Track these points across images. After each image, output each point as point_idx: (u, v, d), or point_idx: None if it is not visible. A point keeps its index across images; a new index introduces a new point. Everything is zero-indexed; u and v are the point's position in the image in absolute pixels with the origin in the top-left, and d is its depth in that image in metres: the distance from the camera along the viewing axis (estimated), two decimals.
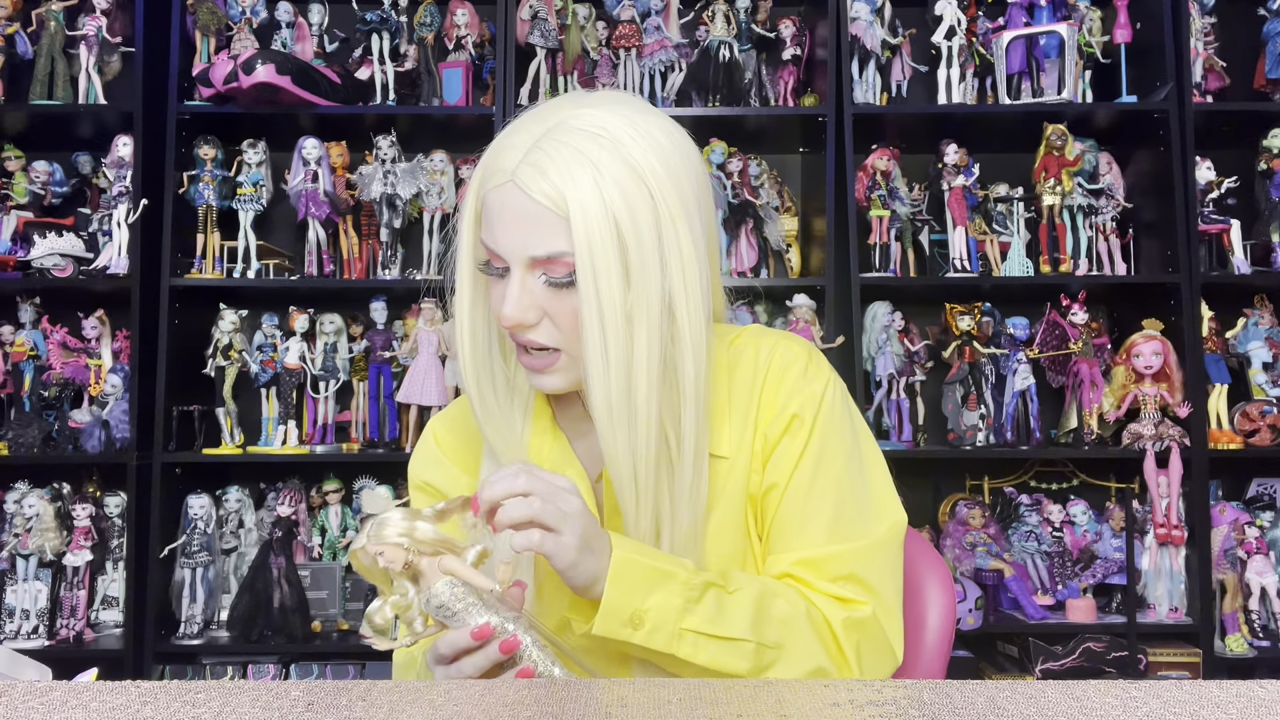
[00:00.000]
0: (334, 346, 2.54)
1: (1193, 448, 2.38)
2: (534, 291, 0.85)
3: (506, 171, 0.84)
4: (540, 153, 0.83)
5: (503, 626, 0.79)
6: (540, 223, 0.82)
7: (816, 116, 2.49)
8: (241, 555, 2.46)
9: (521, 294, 0.84)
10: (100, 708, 0.63)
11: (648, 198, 0.83)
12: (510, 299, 0.84)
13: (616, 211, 0.82)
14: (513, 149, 0.84)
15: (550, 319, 0.86)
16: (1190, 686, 0.67)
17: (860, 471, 0.95)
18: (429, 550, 0.79)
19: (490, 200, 0.85)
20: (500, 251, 0.85)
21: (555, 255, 0.83)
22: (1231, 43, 2.66)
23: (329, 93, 2.47)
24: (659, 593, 0.83)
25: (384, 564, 0.77)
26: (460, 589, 0.78)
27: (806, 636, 0.87)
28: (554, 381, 0.89)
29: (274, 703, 0.64)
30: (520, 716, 0.62)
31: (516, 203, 0.83)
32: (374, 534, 0.78)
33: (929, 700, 0.65)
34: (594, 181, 0.81)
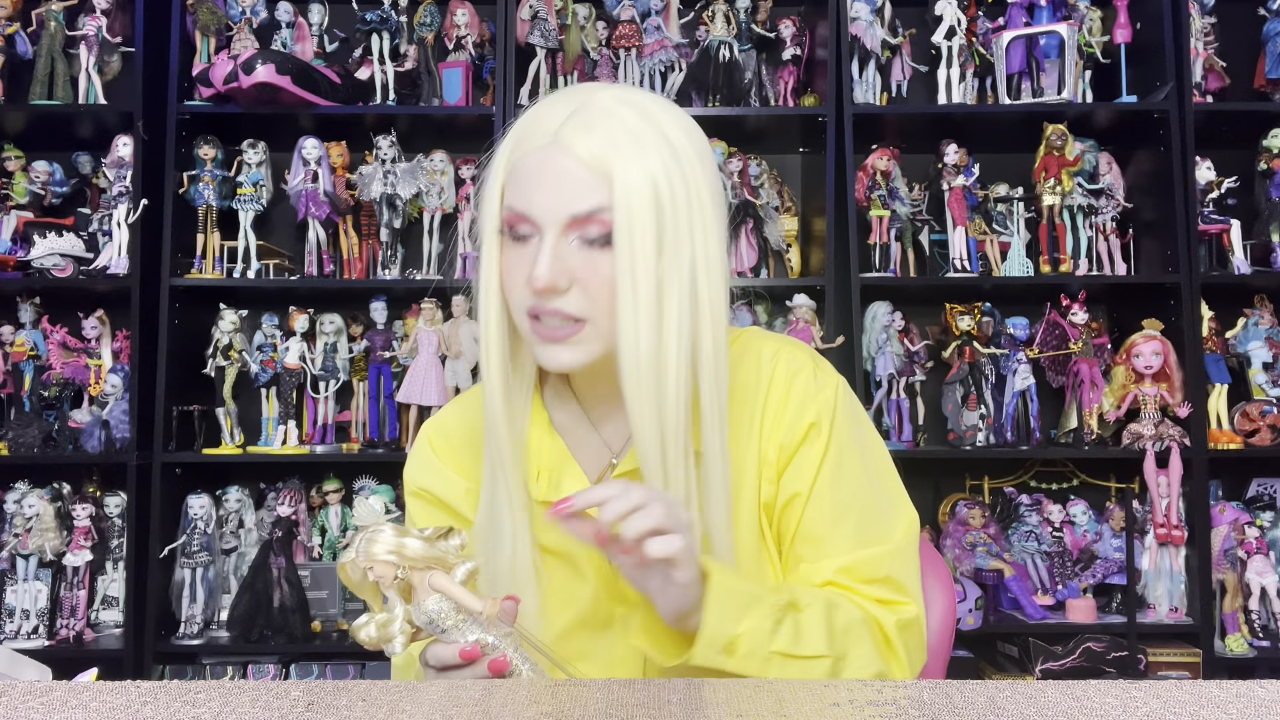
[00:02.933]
0: (334, 346, 2.54)
1: (1193, 448, 2.38)
2: (565, 257, 0.84)
3: (548, 133, 0.85)
4: (584, 117, 0.85)
5: (492, 645, 0.78)
6: (582, 181, 0.83)
7: (816, 116, 2.49)
8: (241, 555, 2.46)
9: (554, 258, 0.83)
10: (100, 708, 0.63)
11: (681, 173, 0.85)
12: (543, 262, 0.82)
13: (656, 178, 0.83)
14: (552, 116, 0.86)
15: (580, 286, 0.84)
16: (1190, 686, 0.67)
17: (876, 472, 0.96)
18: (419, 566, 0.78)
19: (527, 162, 0.85)
20: (534, 213, 0.84)
21: (595, 211, 0.83)
22: (1231, 43, 2.66)
23: (329, 93, 2.47)
24: (751, 616, 0.81)
25: (373, 578, 0.77)
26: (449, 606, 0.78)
27: (867, 643, 0.88)
28: (570, 356, 0.85)
29: (274, 703, 0.64)
30: (521, 717, 0.62)
31: (559, 162, 0.84)
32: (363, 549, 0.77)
33: (929, 700, 0.65)
34: (637, 146, 0.84)
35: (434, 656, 0.78)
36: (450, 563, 0.79)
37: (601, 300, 0.84)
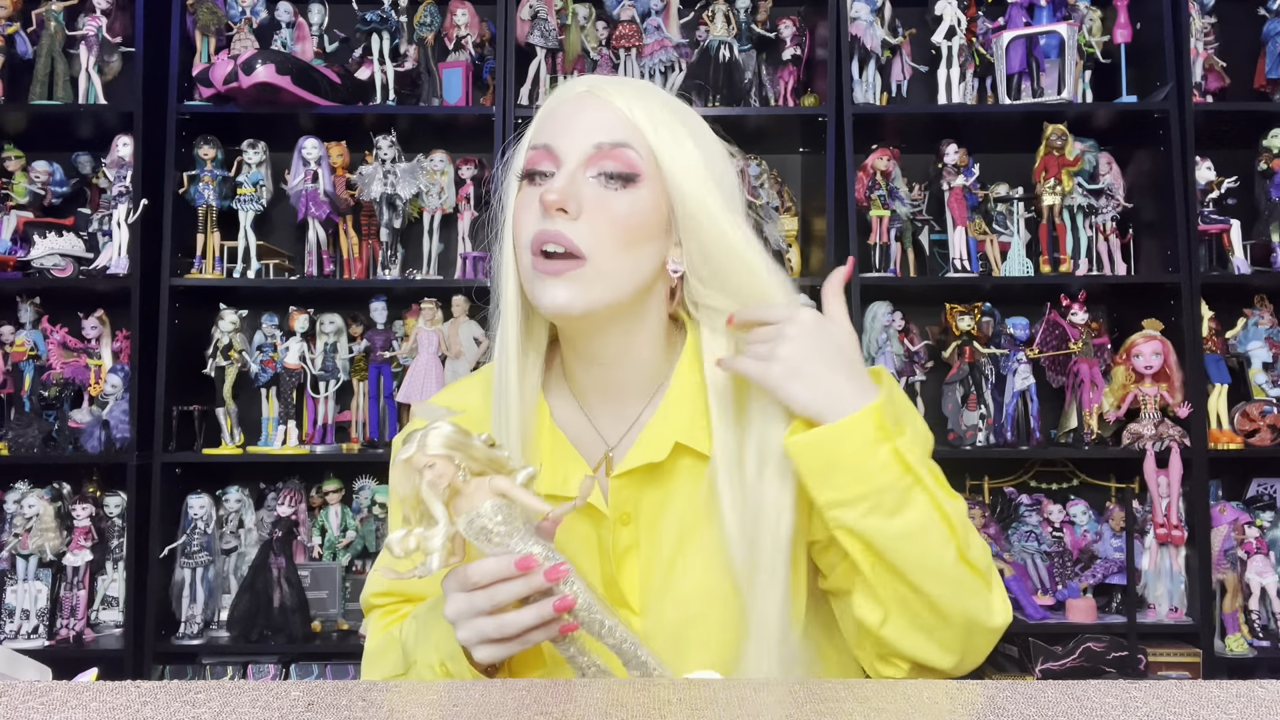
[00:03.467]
0: (334, 346, 2.54)
1: (1193, 448, 2.38)
2: (580, 186, 0.86)
3: (583, 86, 0.90)
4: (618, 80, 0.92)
5: (548, 555, 0.75)
6: (612, 119, 0.88)
7: (816, 116, 2.50)
8: (241, 555, 2.46)
9: (569, 181, 0.86)
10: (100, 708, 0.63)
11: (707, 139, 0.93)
12: (558, 180, 0.85)
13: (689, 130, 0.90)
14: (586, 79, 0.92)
15: (588, 219, 0.85)
16: (1190, 686, 0.67)
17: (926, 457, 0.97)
18: (478, 468, 0.75)
19: (557, 110, 0.90)
20: (558, 146, 0.87)
21: (621, 144, 0.87)
22: (1231, 43, 2.66)
23: (329, 93, 2.47)
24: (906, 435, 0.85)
25: (430, 479, 0.72)
26: (507, 513, 0.74)
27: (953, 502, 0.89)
28: (567, 294, 0.85)
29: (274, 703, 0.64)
30: (521, 717, 0.62)
31: (590, 105, 0.89)
32: (424, 443, 0.73)
33: (929, 700, 0.65)
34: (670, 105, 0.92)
35: (480, 571, 0.75)
36: (510, 468, 0.76)
37: (608, 240, 0.85)
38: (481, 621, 0.77)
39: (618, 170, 0.86)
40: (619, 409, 0.95)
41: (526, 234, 0.87)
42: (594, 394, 0.96)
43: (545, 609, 0.76)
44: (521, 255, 0.88)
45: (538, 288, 0.86)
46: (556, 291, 0.85)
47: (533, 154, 0.88)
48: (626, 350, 0.93)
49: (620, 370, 0.94)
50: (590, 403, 0.96)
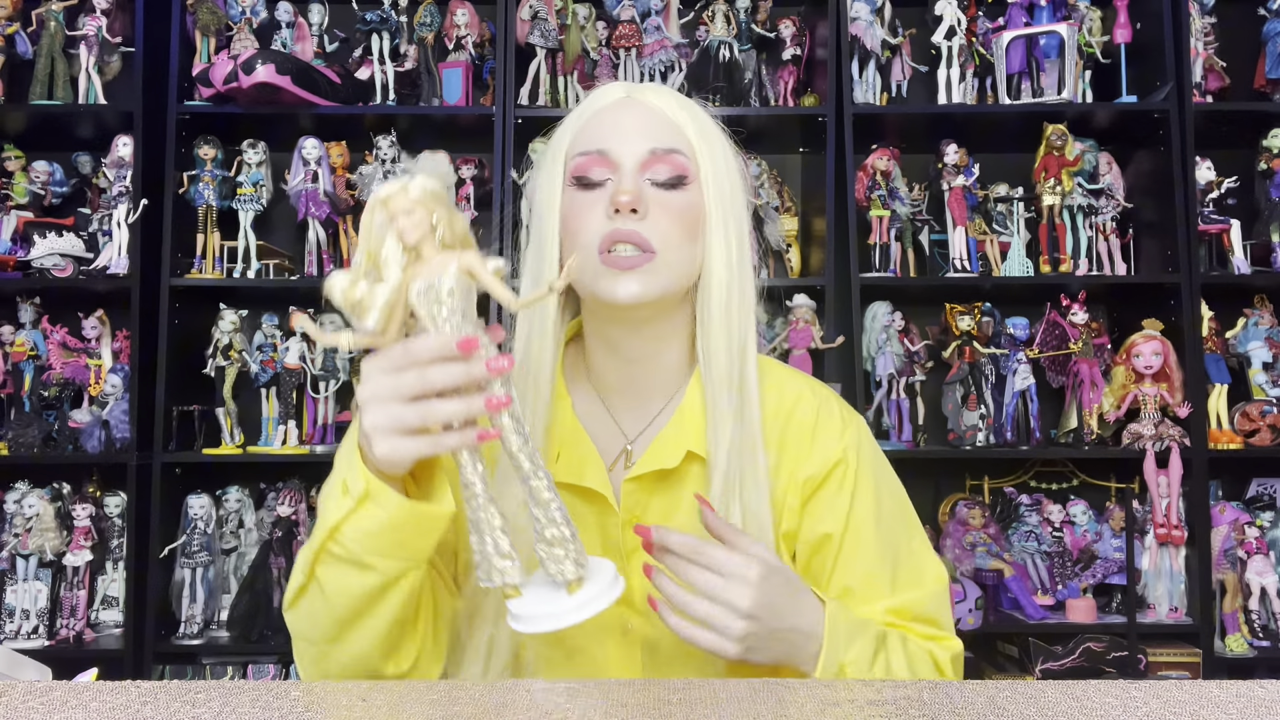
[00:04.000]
0: None
1: (1193, 448, 2.38)
2: (642, 188, 0.90)
3: (620, 92, 0.95)
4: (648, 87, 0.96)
5: (489, 347, 0.71)
6: (659, 123, 0.93)
7: (816, 116, 2.49)
8: (241, 555, 2.46)
9: (635, 181, 0.90)
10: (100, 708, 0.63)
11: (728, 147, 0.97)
12: (627, 181, 0.89)
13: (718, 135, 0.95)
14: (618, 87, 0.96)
15: (654, 217, 0.90)
16: (1190, 686, 0.67)
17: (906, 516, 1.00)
18: (448, 241, 0.70)
19: (600, 115, 0.94)
20: (611, 151, 0.91)
21: (673, 149, 0.92)
22: (1231, 43, 2.66)
23: (329, 93, 2.47)
24: (858, 643, 0.85)
25: (403, 225, 0.68)
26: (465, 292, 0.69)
27: (932, 674, 0.93)
28: (639, 286, 0.89)
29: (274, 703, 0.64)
30: (521, 716, 0.62)
31: (635, 110, 0.93)
32: (408, 187, 0.68)
33: (929, 700, 0.65)
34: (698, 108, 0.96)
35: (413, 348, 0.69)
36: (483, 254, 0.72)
37: (672, 235, 0.90)
38: (400, 407, 0.70)
39: (671, 175, 0.91)
40: (640, 406, 0.98)
41: (592, 234, 0.90)
42: (617, 389, 0.98)
43: (475, 404, 0.70)
44: (585, 254, 0.90)
45: (607, 282, 0.89)
46: (629, 285, 0.88)
47: (583, 160, 0.91)
48: (658, 349, 0.96)
49: (647, 368, 0.97)
50: (611, 398, 0.98)
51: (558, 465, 0.94)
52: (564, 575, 0.73)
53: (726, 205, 0.93)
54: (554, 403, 0.95)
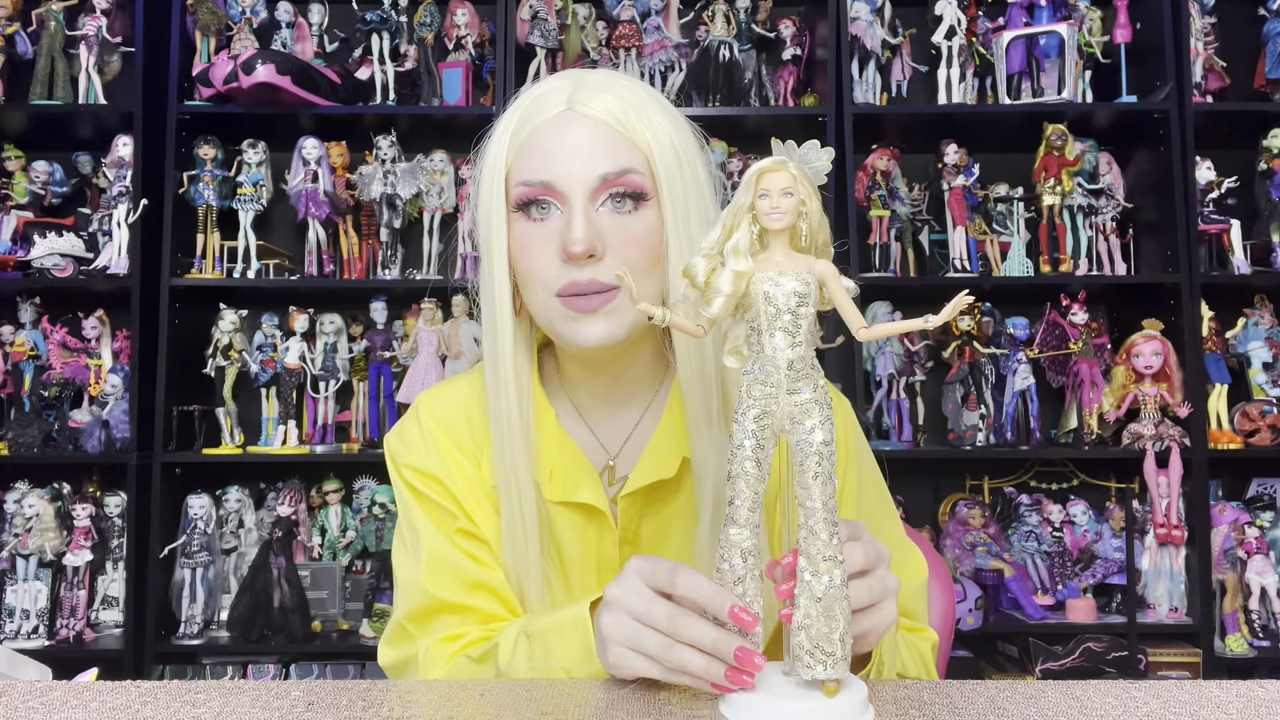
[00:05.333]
0: (334, 346, 2.54)
1: (1193, 448, 2.38)
2: (596, 222, 0.82)
3: (559, 104, 0.84)
4: (589, 87, 0.85)
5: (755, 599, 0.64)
6: (606, 141, 0.83)
7: (816, 116, 2.49)
8: (241, 555, 2.46)
9: (588, 220, 0.81)
10: (100, 708, 0.63)
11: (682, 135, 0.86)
12: (578, 225, 0.80)
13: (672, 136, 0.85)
14: (555, 91, 0.85)
15: (613, 252, 0.82)
16: (1190, 686, 0.67)
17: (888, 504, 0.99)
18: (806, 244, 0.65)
19: (541, 134, 0.84)
20: (557, 183, 0.82)
21: (625, 170, 0.82)
22: (1231, 43, 2.66)
23: (329, 93, 2.47)
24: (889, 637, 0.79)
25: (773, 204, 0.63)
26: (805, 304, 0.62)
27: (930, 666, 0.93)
28: (606, 328, 0.82)
29: (274, 703, 0.64)
30: (522, 717, 0.62)
31: (578, 127, 0.83)
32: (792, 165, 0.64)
33: (929, 700, 0.65)
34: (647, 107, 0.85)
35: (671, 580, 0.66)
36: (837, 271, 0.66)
37: (638, 265, 0.82)
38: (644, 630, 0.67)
39: (627, 194, 0.83)
40: (618, 416, 0.94)
41: (545, 279, 0.82)
42: (594, 402, 0.94)
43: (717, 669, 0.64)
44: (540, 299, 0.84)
45: (570, 328, 0.83)
46: (594, 328, 0.82)
47: (527, 190, 0.83)
48: (631, 358, 0.92)
49: (619, 378, 0.92)
50: (589, 411, 0.95)
51: (551, 483, 0.89)
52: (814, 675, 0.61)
53: (689, 216, 0.84)
54: (538, 417, 0.90)
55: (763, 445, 0.62)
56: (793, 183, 0.63)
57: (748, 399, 0.62)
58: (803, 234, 0.65)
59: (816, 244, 0.66)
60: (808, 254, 0.65)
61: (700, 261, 0.64)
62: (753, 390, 0.62)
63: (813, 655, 0.60)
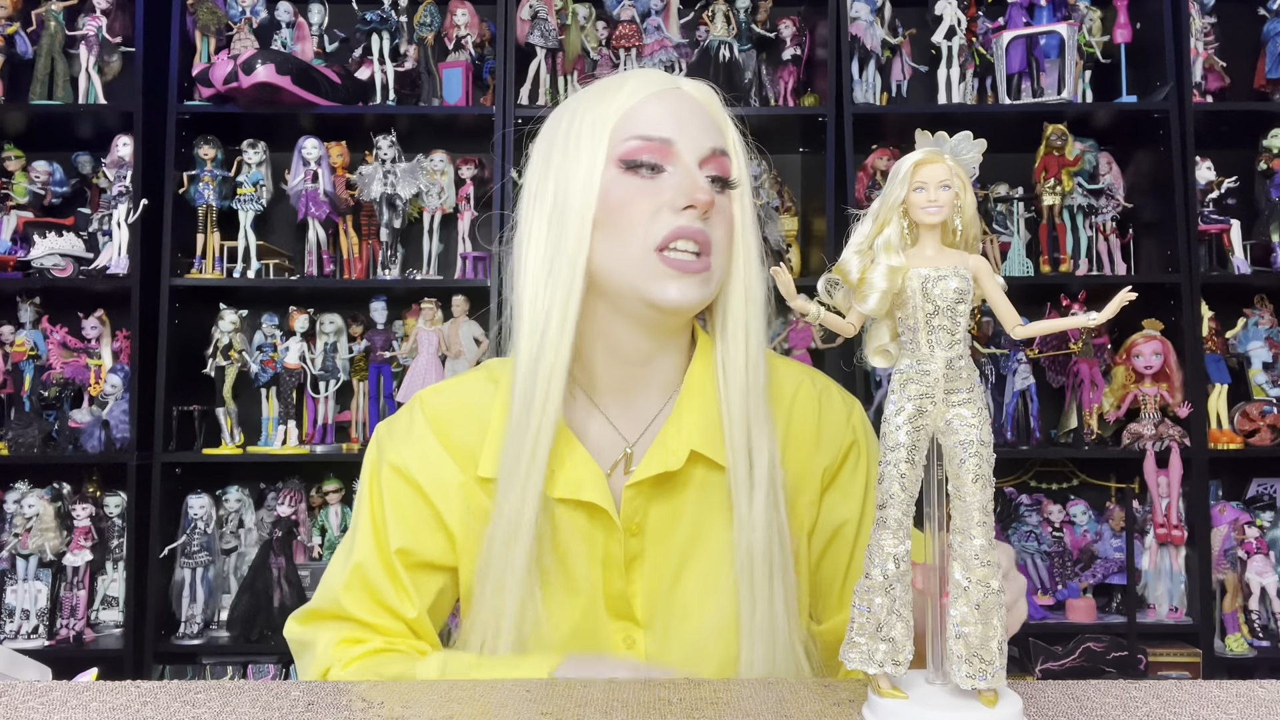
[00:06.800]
0: (334, 346, 2.54)
1: (1193, 448, 2.38)
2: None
3: (666, 82, 0.90)
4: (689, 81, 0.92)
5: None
6: (709, 122, 0.89)
7: (816, 116, 2.49)
8: (241, 555, 2.46)
9: (706, 181, 0.86)
10: (100, 708, 0.63)
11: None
12: (703, 180, 0.85)
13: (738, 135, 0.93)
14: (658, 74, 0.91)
15: (714, 220, 0.87)
16: (1190, 686, 0.67)
17: None
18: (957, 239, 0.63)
19: (655, 100, 0.88)
20: (676, 141, 0.86)
21: (723, 151, 0.89)
22: (1231, 43, 2.66)
23: (329, 93, 2.47)
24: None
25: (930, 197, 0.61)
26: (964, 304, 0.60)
27: None
28: (694, 291, 0.85)
29: (274, 703, 0.64)
30: (522, 716, 0.62)
31: (689, 103, 0.89)
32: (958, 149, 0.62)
33: None
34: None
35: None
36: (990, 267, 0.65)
37: (723, 241, 0.88)
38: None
39: (723, 175, 0.88)
40: (636, 407, 0.93)
41: (651, 227, 0.84)
42: (612, 392, 0.93)
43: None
44: (634, 250, 0.84)
45: (661, 284, 0.84)
46: (687, 289, 0.85)
47: (640, 145, 0.86)
48: (664, 352, 0.92)
49: (648, 370, 0.93)
50: (605, 401, 0.93)
51: (554, 480, 0.88)
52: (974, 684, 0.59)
53: (752, 212, 0.91)
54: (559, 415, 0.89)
55: (917, 446, 0.60)
56: (950, 175, 0.61)
57: (901, 398, 0.61)
58: (956, 229, 0.63)
59: (968, 239, 0.64)
60: (958, 249, 0.63)
61: (854, 257, 0.63)
62: (907, 389, 0.61)
63: (970, 664, 0.58)
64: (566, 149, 0.88)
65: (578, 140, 0.87)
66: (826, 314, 0.64)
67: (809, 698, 0.66)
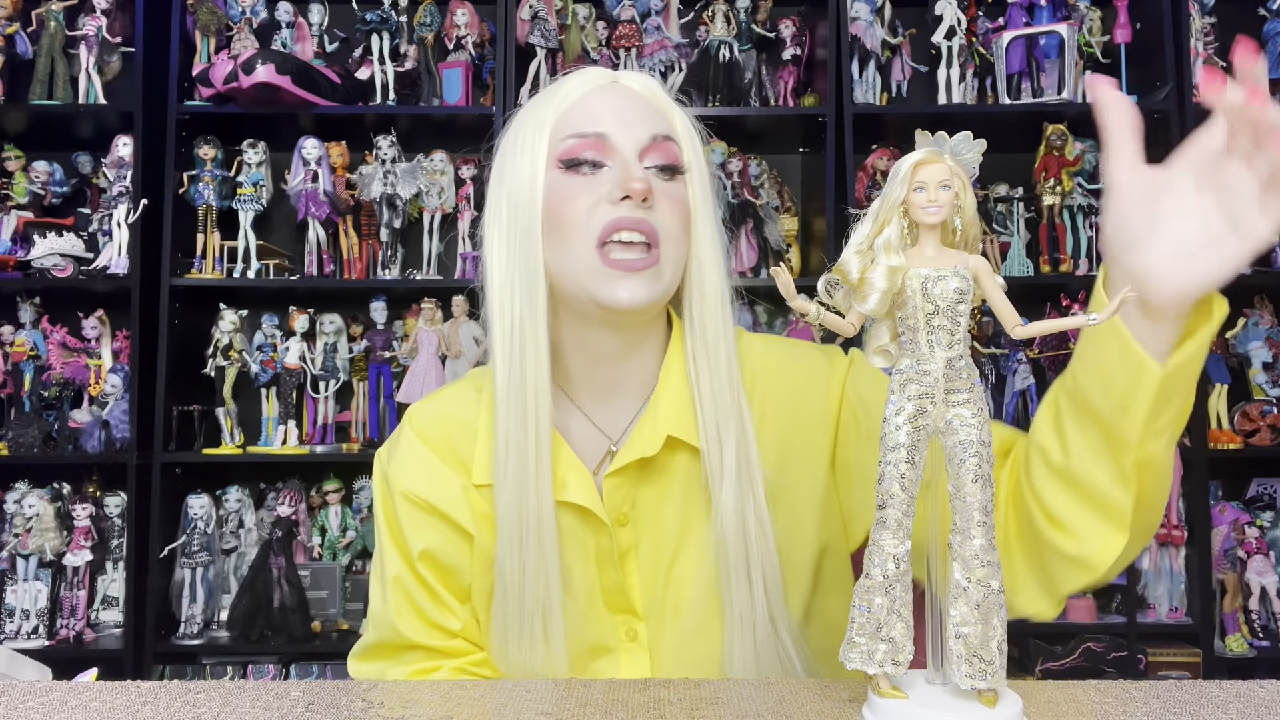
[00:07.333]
0: (334, 346, 2.54)
1: (1193, 448, 2.38)
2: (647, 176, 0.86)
3: (604, 77, 0.90)
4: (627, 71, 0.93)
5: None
6: (650, 110, 0.89)
7: (816, 116, 2.49)
8: (241, 555, 2.46)
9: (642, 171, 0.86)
10: (100, 708, 0.63)
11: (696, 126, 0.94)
12: (636, 170, 0.85)
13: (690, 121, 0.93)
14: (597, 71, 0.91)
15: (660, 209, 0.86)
16: (1190, 686, 0.67)
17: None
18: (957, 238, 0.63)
19: (591, 96, 0.88)
20: (612, 135, 0.86)
21: (669, 136, 0.88)
22: (1231, 43, 2.65)
23: (329, 93, 2.47)
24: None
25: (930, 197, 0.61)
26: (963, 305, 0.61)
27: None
28: (645, 290, 0.83)
29: (274, 703, 0.64)
30: (522, 716, 0.62)
31: (625, 95, 0.89)
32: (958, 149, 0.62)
33: None
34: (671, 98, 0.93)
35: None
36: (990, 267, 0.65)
37: (674, 229, 0.86)
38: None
39: (668, 163, 0.87)
40: (617, 406, 0.93)
41: (590, 224, 0.83)
42: (591, 392, 0.93)
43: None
44: (577, 250, 0.84)
45: (608, 286, 0.83)
46: (634, 287, 0.83)
47: (577, 142, 0.85)
48: (637, 350, 0.91)
49: (624, 368, 0.92)
50: (585, 401, 0.93)
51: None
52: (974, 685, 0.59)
53: (710, 197, 0.90)
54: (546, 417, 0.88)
55: (917, 446, 0.61)
56: (950, 175, 0.61)
57: (901, 398, 0.61)
58: (956, 229, 0.64)
59: (968, 239, 0.65)
60: (958, 249, 0.64)
61: (854, 257, 0.63)
62: (907, 389, 0.61)
63: (970, 664, 0.59)
64: (513, 158, 0.89)
65: (521, 147, 0.88)
66: (826, 314, 0.64)
67: (809, 698, 0.66)
